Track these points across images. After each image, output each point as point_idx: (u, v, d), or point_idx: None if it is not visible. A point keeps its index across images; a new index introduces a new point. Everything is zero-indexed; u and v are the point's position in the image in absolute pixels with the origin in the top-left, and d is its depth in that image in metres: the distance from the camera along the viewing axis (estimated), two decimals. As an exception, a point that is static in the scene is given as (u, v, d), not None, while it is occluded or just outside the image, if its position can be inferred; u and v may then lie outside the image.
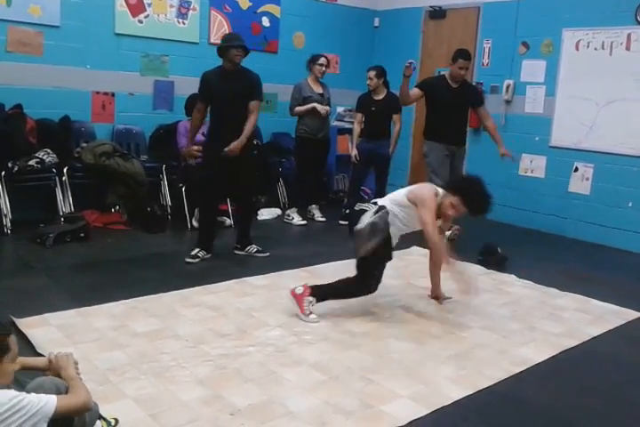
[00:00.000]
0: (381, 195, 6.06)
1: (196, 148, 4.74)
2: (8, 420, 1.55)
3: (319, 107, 5.70)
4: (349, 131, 6.57)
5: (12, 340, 1.72)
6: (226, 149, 4.27)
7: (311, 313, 3.40)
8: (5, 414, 1.55)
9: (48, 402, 1.64)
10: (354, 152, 5.96)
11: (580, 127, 5.77)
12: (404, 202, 3.43)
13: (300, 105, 5.74)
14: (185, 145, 5.31)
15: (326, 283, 3.52)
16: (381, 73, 5.82)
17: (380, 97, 5.89)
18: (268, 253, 4.70)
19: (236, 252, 4.72)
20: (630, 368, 3.08)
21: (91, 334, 3.06)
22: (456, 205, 3.37)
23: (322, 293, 3.43)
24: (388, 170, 6.10)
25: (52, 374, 1.85)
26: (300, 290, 3.42)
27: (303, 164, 5.91)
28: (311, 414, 2.42)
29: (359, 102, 6.03)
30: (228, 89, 4.28)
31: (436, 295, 3.84)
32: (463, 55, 5.16)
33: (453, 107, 5.21)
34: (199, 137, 4.71)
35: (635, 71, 5.36)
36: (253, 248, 4.72)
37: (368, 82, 5.84)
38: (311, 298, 3.40)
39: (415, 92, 5.30)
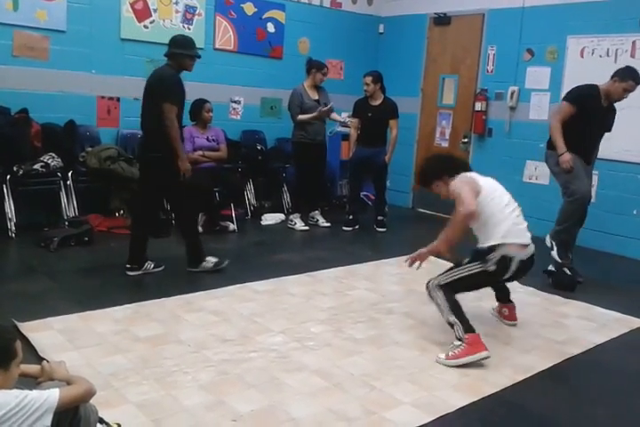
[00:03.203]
0: (381, 201, 6.10)
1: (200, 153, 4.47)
2: (14, 417, 1.62)
3: (328, 114, 5.69)
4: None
5: (19, 345, 1.76)
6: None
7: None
8: (11, 412, 1.62)
9: (50, 395, 1.69)
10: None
11: (584, 134, 5.75)
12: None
13: (300, 112, 5.70)
14: (190, 150, 5.33)
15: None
16: (378, 78, 5.81)
17: (377, 102, 5.88)
18: (162, 267, 4.28)
19: (129, 273, 4.15)
20: (634, 376, 3.06)
21: (93, 338, 3.06)
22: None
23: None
24: (386, 177, 6.11)
25: (44, 381, 1.88)
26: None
27: (303, 169, 5.88)
28: (313, 421, 2.41)
29: (355, 107, 6.03)
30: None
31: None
32: (636, 77, 4.35)
33: (598, 127, 4.62)
34: (212, 144, 4.45)
35: (640, 78, 5.35)
36: (151, 264, 4.26)
37: (365, 88, 5.84)
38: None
39: (570, 110, 4.47)
